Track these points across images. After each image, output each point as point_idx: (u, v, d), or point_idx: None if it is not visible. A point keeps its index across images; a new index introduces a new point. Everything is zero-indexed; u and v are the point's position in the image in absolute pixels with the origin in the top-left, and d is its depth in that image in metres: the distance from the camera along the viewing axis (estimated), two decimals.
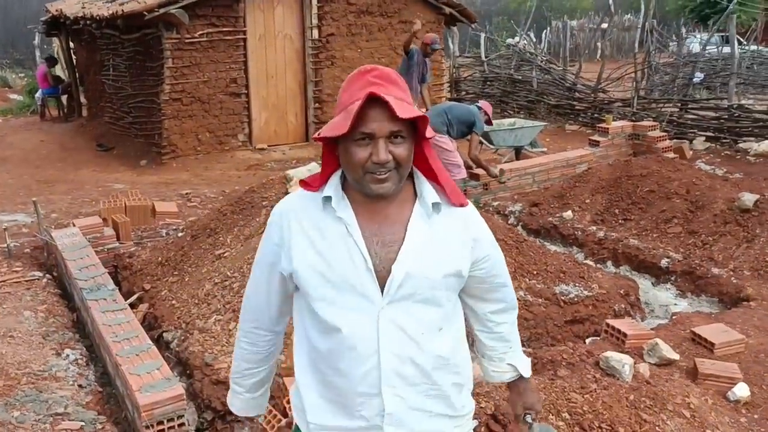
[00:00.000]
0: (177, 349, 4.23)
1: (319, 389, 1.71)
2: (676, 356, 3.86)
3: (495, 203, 7.35)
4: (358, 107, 1.52)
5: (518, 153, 9.06)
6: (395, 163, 1.57)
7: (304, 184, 1.73)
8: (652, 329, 4.36)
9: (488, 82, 14.47)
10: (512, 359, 1.91)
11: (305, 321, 1.71)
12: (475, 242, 1.71)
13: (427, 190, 1.67)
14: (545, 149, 9.50)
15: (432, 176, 1.70)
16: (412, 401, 1.66)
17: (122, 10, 9.29)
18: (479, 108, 7.19)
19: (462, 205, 1.71)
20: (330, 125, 1.59)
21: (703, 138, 9.96)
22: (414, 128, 1.61)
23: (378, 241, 1.63)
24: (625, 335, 4.04)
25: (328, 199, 1.65)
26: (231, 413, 3.68)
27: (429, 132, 1.62)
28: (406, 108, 1.54)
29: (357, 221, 1.63)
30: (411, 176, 1.70)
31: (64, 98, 14.28)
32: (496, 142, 8.87)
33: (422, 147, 1.67)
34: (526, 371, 1.93)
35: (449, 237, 1.67)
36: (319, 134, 1.63)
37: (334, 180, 1.68)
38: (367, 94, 1.52)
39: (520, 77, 13.79)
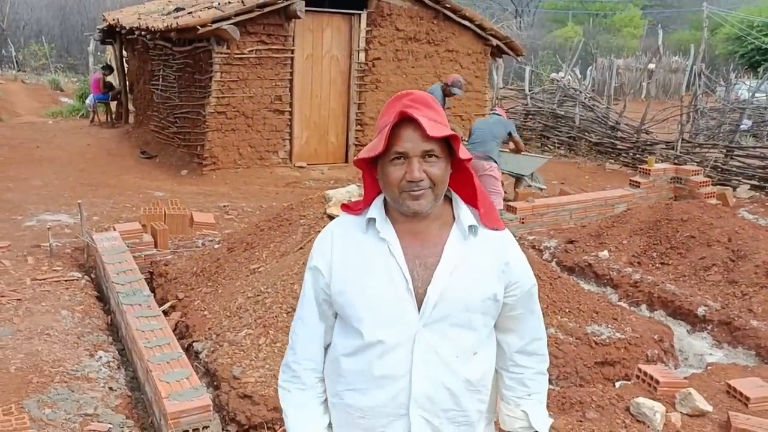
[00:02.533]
0: (206, 359, 4.27)
1: (343, 411, 1.74)
2: (709, 408, 3.76)
3: (530, 237, 7.30)
4: (390, 127, 1.57)
5: (518, 182, 9.12)
6: (430, 182, 1.60)
7: (347, 208, 1.77)
8: (685, 378, 4.26)
9: (530, 116, 14.43)
10: (528, 407, 1.81)
11: (337, 345, 1.74)
12: (506, 266, 1.71)
13: (464, 212, 1.70)
14: (545, 186, 9.42)
15: (470, 199, 1.72)
16: (438, 425, 1.68)
17: (177, 24, 9.55)
18: (498, 114, 7.84)
19: (496, 229, 1.72)
20: (367, 148, 1.65)
21: (748, 186, 9.78)
22: (450, 149, 1.64)
23: (420, 263, 1.66)
24: (657, 382, 3.96)
25: (371, 221, 1.69)
26: (255, 428, 3.73)
27: (464, 153, 1.64)
28: (437, 127, 1.57)
29: (399, 242, 1.66)
30: (451, 199, 1.73)
31: (113, 104, 14.66)
32: (500, 163, 8.96)
33: (460, 169, 1.69)
34: (540, 425, 1.82)
35: (484, 260, 1.69)
36: (357, 157, 1.68)
37: (378, 203, 1.72)
38: (398, 113, 1.57)
39: (562, 113, 13.73)
